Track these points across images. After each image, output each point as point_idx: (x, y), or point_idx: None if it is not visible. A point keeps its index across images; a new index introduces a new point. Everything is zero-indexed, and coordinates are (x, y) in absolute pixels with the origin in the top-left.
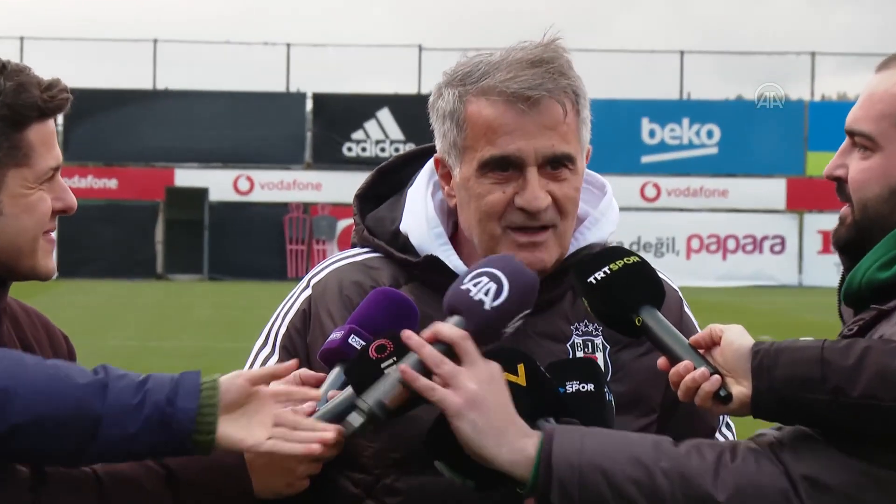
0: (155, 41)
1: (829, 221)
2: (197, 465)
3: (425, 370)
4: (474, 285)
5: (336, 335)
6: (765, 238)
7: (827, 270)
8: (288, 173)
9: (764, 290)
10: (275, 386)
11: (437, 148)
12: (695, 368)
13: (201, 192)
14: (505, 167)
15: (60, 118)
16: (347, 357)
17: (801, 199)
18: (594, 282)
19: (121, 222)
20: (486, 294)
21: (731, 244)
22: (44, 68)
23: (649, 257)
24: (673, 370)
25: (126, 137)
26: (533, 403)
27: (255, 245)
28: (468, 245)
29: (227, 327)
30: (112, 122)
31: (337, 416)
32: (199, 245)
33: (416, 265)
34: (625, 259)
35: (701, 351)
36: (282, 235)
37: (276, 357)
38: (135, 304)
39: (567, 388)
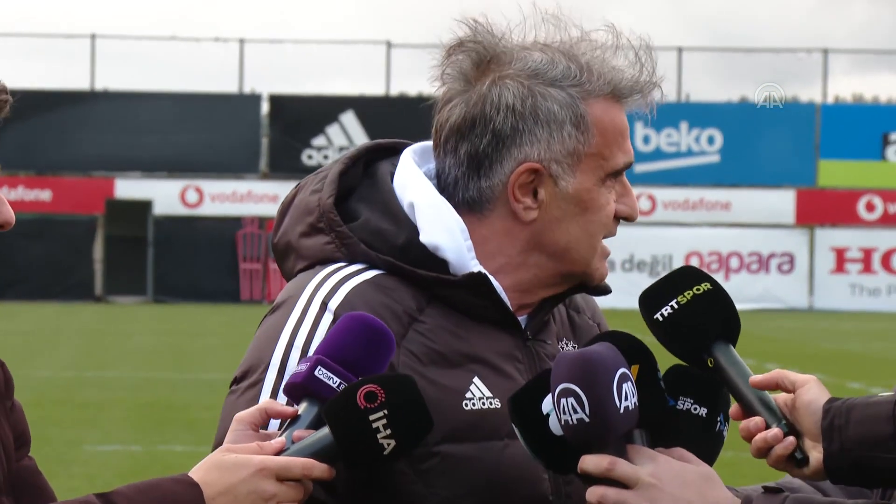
0: (93, 36)
1: (843, 237)
2: (146, 499)
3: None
4: (563, 412)
5: (301, 367)
6: (772, 256)
7: (840, 292)
8: (241, 184)
9: (771, 314)
10: (242, 428)
11: (535, 154)
12: (766, 425)
13: (144, 205)
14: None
15: None
16: (314, 393)
17: (812, 213)
18: (661, 319)
19: (55, 238)
20: (575, 410)
21: (734, 262)
22: None
23: (643, 277)
24: (743, 426)
25: (61, 144)
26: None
27: (204, 264)
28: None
29: (173, 356)
30: (45, 126)
31: (312, 458)
32: (143, 264)
33: (453, 283)
34: (694, 288)
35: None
36: (234, 253)
37: None
38: (70, 330)
39: (679, 403)
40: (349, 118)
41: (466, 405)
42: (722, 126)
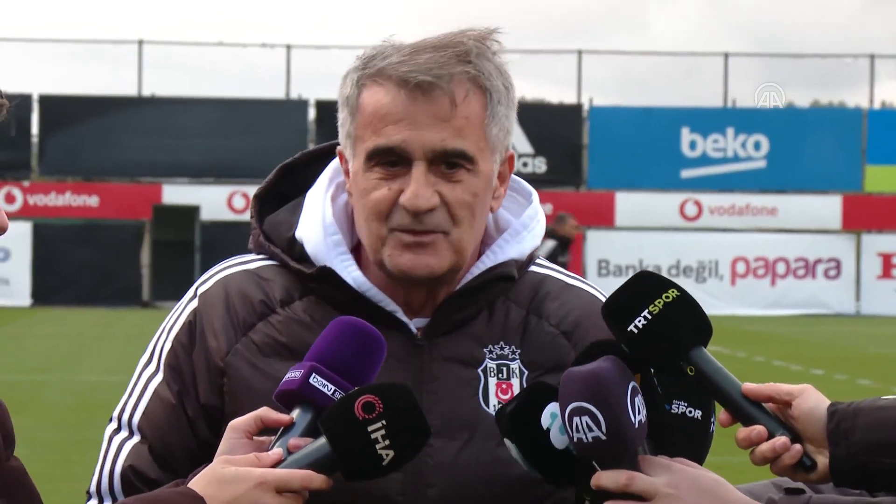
0: (140, 42)
1: (890, 242)
2: None
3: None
4: (576, 430)
5: (295, 374)
6: (818, 261)
7: (887, 297)
8: None
9: (817, 319)
10: (237, 436)
11: (340, 139)
12: (769, 433)
13: (192, 211)
14: (393, 162)
15: (35, 128)
16: (309, 400)
17: (859, 218)
18: (636, 331)
19: (102, 244)
20: (590, 429)
21: (780, 268)
22: (13, 73)
23: (690, 283)
24: (743, 435)
25: (108, 149)
26: None
27: None
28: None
29: None
30: (92, 132)
31: (309, 469)
32: (190, 269)
33: (309, 277)
34: (663, 296)
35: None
36: None
37: (160, 376)
38: (116, 335)
39: (674, 407)
40: None
41: None
42: (768, 132)
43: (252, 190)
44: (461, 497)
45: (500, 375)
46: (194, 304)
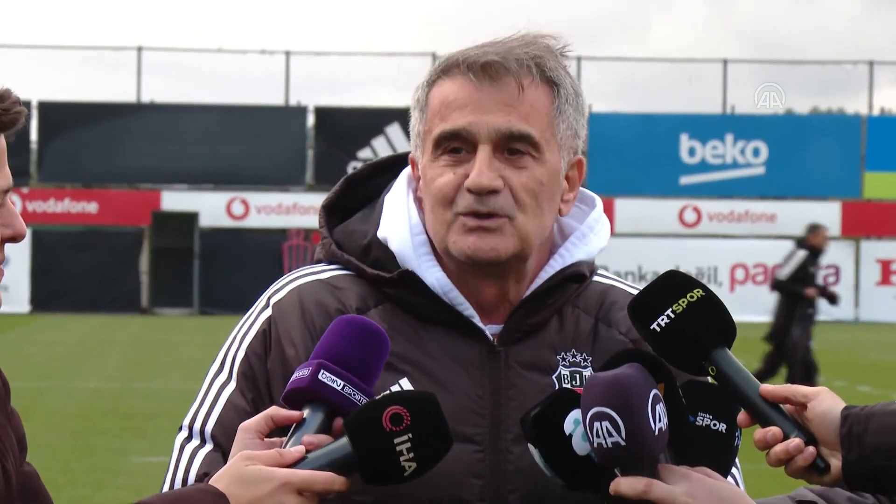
0: (139, 49)
1: (889, 249)
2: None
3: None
4: (596, 435)
5: (303, 373)
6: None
7: (887, 303)
8: (287, 196)
9: (816, 326)
10: (250, 437)
11: (411, 145)
12: (784, 434)
13: (191, 217)
14: (458, 148)
15: (34, 135)
16: (320, 397)
17: (858, 225)
18: (658, 329)
19: (101, 250)
20: (610, 434)
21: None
22: (12, 79)
23: None
24: (759, 436)
25: (107, 156)
26: None
27: (250, 276)
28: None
29: None
30: (92, 138)
31: (329, 468)
32: (189, 276)
33: (388, 281)
34: (688, 295)
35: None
36: (280, 265)
37: (233, 385)
38: (116, 341)
39: (698, 419)
40: (395, 130)
41: None
42: (767, 138)
43: (251, 196)
44: (541, 502)
45: (573, 383)
46: (268, 312)
